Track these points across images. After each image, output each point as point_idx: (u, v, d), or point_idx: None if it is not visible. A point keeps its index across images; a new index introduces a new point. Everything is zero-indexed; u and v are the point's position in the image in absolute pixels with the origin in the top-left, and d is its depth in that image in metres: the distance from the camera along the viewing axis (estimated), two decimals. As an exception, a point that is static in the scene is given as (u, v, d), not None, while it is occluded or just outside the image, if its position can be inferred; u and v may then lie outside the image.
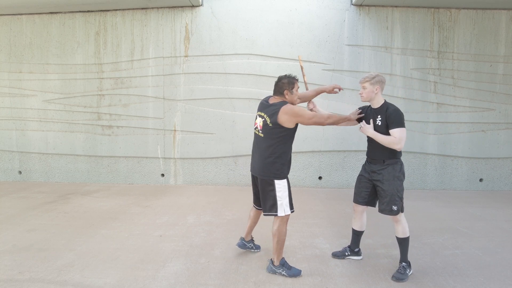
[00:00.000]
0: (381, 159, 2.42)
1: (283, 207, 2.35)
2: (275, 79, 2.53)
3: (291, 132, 2.37)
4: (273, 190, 2.35)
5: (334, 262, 2.68)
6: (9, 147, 5.93)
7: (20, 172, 5.95)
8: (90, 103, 5.71)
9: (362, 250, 2.78)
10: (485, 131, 5.42)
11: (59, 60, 5.71)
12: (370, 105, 2.54)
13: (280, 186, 2.35)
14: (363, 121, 2.50)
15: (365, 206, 2.59)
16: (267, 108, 2.39)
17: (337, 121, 2.46)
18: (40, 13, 5.67)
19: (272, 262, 2.45)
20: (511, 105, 5.40)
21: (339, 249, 2.85)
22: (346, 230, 3.38)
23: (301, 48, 5.37)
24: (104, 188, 5.34)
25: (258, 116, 2.46)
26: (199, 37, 5.46)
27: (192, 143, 5.59)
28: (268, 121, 2.32)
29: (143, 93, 5.60)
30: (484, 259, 2.74)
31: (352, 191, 2.80)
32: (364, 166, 2.61)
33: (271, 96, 2.51)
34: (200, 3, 5.37)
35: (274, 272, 2.42)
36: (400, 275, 2.36)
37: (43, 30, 5.70)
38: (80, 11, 5.60)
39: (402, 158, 2.54)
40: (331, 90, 2.70)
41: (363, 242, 2.79)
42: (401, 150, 2.32)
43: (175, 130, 5.61)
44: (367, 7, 5.32)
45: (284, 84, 2.40)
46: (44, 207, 4.19)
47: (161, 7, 5.48)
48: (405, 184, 5.46)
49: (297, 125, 2.37)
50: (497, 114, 5.40)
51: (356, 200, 2.61)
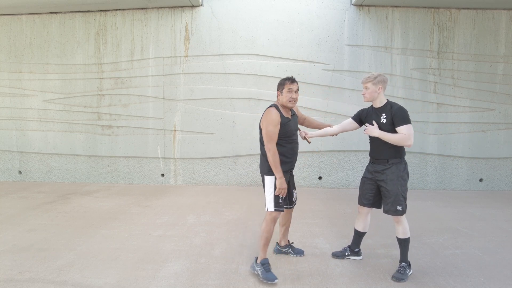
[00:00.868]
0: (385, 159, 2.38)
1: (267, 204, 2.40)
2: (275, 79, 2.57)
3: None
4: (264, 185, 2.45)
5: (334, 262, 2.68)
6: (9, 147, 5.93)
7: (20, 172, 5.95)
8: (90, 103, 5.71)
9: (362, 250, 2.78)
10: (485, 131, 5.42)
11: (59, 60, 5.71)
12: (371, 105, 2.51)
13: (267, 182, 2.41)
14: (366, 123, 2.49)
15: (370, 208, 2.58)
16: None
17: (270, 159, 2.30)
18: (40, 13, 5.67)
19: (256, 259, 2.46)
20: (511, 105, 5.40)
21: (339, 249, 2.85)
22: (346, 230, 3.38)
23: (301, 48, 5.37)
24: (104, 188, 5.34)
25: None
26: (199, 37, 5.46)
27: (192, 143, 5.59)
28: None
29: (143, 93, 5.60)
30: (484, 259, 2.74)
31: (352, 191, 2.81)
32: (367, 167, 2.57)
33: None
34: (200, 3, 5.37)
35: (253, 270, 2.42)
36: (400, 275, 2.36)
37: (43, 30, 5.70)
38: (80, 11, 5.60)
39: (402, 158, 2.51)
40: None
41: (363, 242, 2.79)
42: (410, 146, 2.29)
43: (175, 130, 5.61)
44: (367, 7, 5.32)
45: (278, 85, 2.47)
46: (44, 207, 4.19)
47: (161, 7, 5.49)
48: (405, 184, 5.51)
49: (281, 126, 2.35)
50: (497, 114, 5.40)
51: (361, 202, 2.59)
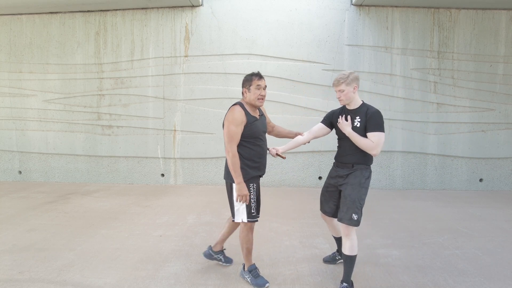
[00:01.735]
0: (351, 163, 2.20)
1: (239, 214, 2.20)
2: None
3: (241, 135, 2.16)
4: (232, 194, 2.22)
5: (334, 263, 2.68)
6: (9, 147, 5.93)
7: (20, 172, 5.95)
8: (90, 103, 5.71)
9: (362, 250, 2.77)
10: (485, 131, 5.42)
11: (59, 60, 5.71)
12: (342, 106, 2.32)
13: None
14: (342, 116, 2.25)
15: (333, 218, 2.41)
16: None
17: (230, 162, 2.12)
18: (40, 13, 5.67)
19: (243, 266, 2.39)
20: (511, 105, 5.40)
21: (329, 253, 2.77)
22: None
23: (301, 48, 5.37)
24: (104, 188, 5.34)
25: None
26: (199, 37, 5.46)
27: (192, 143, 5.59)
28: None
29: (143, 93, 5.60)
30: (484, 259, 2.74)
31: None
32: (330, 172, 2.39)
33: None
34: (200, 3, 5.37)
35: (243, 277, 2.35)
36: None
37: (43, 30, 5.70)
38: (80, 11, 5.60)
39: (402, 158, 2.48)
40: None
41: (363, 242, 2.79)
42: (375, 155, 2.11)
43: (175, 130, 5.61)
44: (367, 7, 5.32)
45: (243, 82, 2.22)
46: (44, 207, 4.19)
47: (161, 7, 5.49)
48: (405, 184, 5.55)
49: (245, 126, 2.15)
50: (497, 114, 5.40)
51: (323, 210, 2.43)
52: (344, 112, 2.28)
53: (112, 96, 5.66)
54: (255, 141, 2.21)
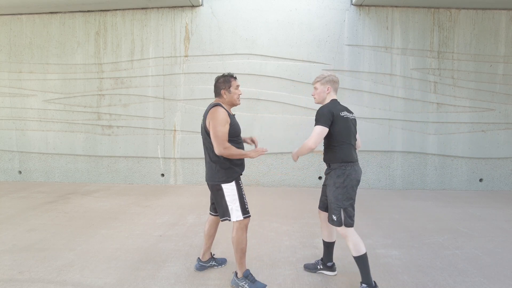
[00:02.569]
0: (327, 162, 2.24)
1: (234, 212, 2.19)
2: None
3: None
4: (223, 195, 2.20)
5: (335, 261, 2.67)
6: (9, 147, 5.93)
7: (20, 172, 5.95)
8: (90, 103, 5.71)
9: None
10: (485, 131, 5.42)
11: (59, 60, 5.71)
12: None
13: (228, 190, 2.18)
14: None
15: (327, 213, 2.36)
16: (206, 110, 2.27)
17: (233, 155, 2.13)
18: (40, 13, 5.67)
19: (235, 274, 2.28)
20: (511, 105, 5.40)
21: (312, 261, 2.64)
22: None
23: (301, 48, 5.37)
24: (104, 188, 5.34)
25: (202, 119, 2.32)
26: (199, 37, 5.46)
27: (192, 143, 5.59)
28: (202, 124, 2.26)
29: (143, 93, 5.60)
30: (484, 259, 2.74)
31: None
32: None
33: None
34: (200, 3, 5.37)
35: (237, 285, 2.24)
36: None
37: (43, 30, 5.70)
38: (80, 11, 5.60)
39: (402, 158, 2.45)
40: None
41: (363, 242, 2.78)
42: (310, 148, 2.09)
43: (175, 130, 5.61)
44: (367, 7, 5.32)
45: (220, 83, 2.25)
46: (44, 207, 4.19)
47: (161, 7, 5.49)
48: (405, 184, 5.54)
49: (230, 125, 2.17)
50: (497, 114, 5.40)
51: (319, 206, 2.44)
52: None
53: (112, 96, 5.67)
54: (237, 139, 2.26)
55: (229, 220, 2.23)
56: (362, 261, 2.12)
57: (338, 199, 2.12)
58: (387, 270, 2.53)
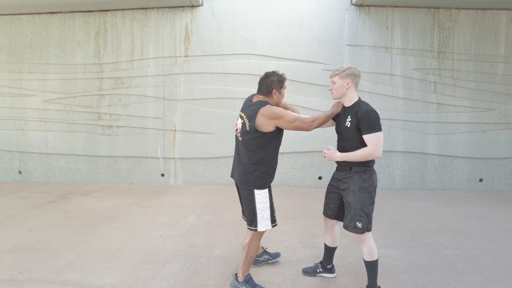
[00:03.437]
0: (348, 166, 2.07)
1: (263, 221, 2.09)
2: None
3: (272, 137, 2.06)
4: (253, 201, 2.09)
5: (334, 262, 2.67)
6: (9, 147, 5.93)
7: (20, 172, 5.95)
8: (90, 103, 5.71)
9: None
10: (485, 131, 5.42)
11: (59, 60, 5.71)
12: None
13: (261, 197, 2.08)
14: (324, 149, 2.11)
15: (335, 221, 2.31)
16: (248, 108, 2.11)
17: (323, 121, 2.13)
18: (40, 13, 5.67)
19: (236, 277, 2.22)
20: (511, 105, 5.40)
21: (311, 265, 2.58)
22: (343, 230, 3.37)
23: (301, 48, 5.37)
24: (104, 188, 5.34)
25: (239, 116, 2.17)
26: (199, 37, 5.46)
27: (192, 143, 5.59)
28: (246, 123, 2.06)
29: (143, 93, 5.61)
30: (484, 259, 2.74)
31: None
32: (333, 174, 2.28)
33: (255, 95, 2.24)
34: (200, 3, 5.37)
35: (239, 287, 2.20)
36: None
37: (43, 30, 5.70)
38: (80, 11, 5.60)
39: (402, 158, 2.43)
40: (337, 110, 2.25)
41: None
42: (379, 158, 1.95)
43: (175, 130, 5.61)
44: (367, 7, 5.32)
45: (274, 82, 2.11)
46: (44, 207, 4.19)
47: (161, 7, 5.49)
48: (405, 184, 5.54)
49: (279, 128, 2.08)
50: (497, 114, 5.40)
51: (325, 213, 2.31)
52: (341, 111, 2.20)
53: (112, 96, 5.67)
54: (275, 146, 2.15)
55: (256, 230, 2.11)
56: (372, 266, 2.10)
57: (365, 205, 2.01)
58: (387, 270, 2.53)
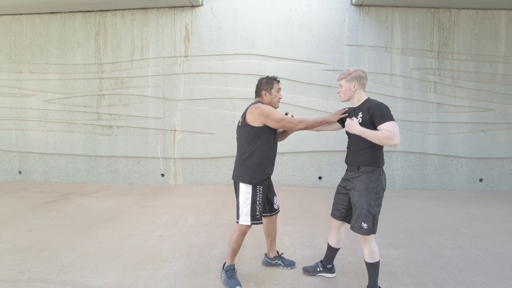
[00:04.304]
0: (356, 166, 2.07)
1: (243, 216, 2.17)
2: None
3: (261, 132, 2.15)
4: (237, 194, 2.20)
5: (334, 262, 2.67)
6: (9, 147, 5.93)
7: (20, 172, 5.95)
8: (90, 103, 5.71)
9: (360, 251, 2.76)
10: (485, 131, 5.42)
11: (59, 60, 5.71)
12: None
13: (243, 192, 2.17)
14: (351, 118, 2.11)
15: (342, 222, 2.29)
16: (245, 108, 2.30)
17: (311, 125, 2.17)
18: (40, 13, 5.67)
19: (223, 265, 2.40)
20: (511, 105, 5.40)
21: (311, 264, 2.58)
22: (346, 230, 3.37)
23: (301, 48, 5.37)
24: (104, 188, 5.34)
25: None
26: (199, 37, 5.46)
27: (192, 143, 5.59)
28: (240, 120, 2.25)
29: (143, 93, 5.61)
30: (484, 259, 2.74)
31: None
32: (344, 175, 2.27)
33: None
34: (200, 3, 5.37)
35: (221, 275, 2.37)
36: None
37: (43, 30, 5.70)
38: (80, 11, 5.61)
39: (402, 158, 2.42)
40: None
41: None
42: (396, 146, 1.90)
43: (175, 130, 5.61)
44: (367, 7, 5.32)
45: (262, 84, 2.29)
46: (44, 207, 4.19)
47: (161, 7, 5.49)
48: (405, 184, 5.54)
49: (266, 126, 2.18)
50: (497, 114, 5.40)
51: (333, 214, 2.30)
52: (351, 111, 2.21)
53: (112, 96, 5.67)
54: (264, 143, 2.21)
55: (237, 222, 2.23)
56: (374, 268, 2.10)
57: (371, 205, 2.00)
58: (387, 270, 2.53)
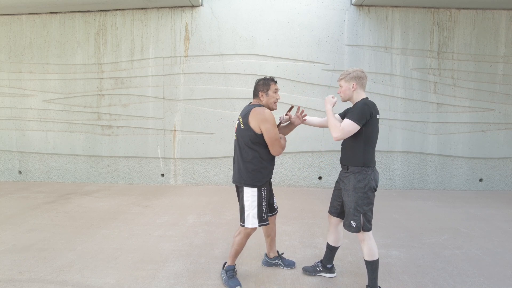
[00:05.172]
0: (346, 165, 2.14)
1: (250, 219, 2.17)
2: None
3: (263, 136, 2.15)
4: (242, 198, 2.19)
5: (334, 262, 2.67)
6: (9, 147, 5.93)
7: (20, 172, 5.95)
8: (90, 103, 5.71)
9: (360, 251, 2.76)
10: (485, 131, 5.42)
11: (59, 60, 5.71)
12: None
13: (249, 195, 2.16)
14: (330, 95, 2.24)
15: (339, 219, 2.31)
16: (244, 110, 2.26)
17: (283, 146, 2.22)
18: (40, 13, 5.67)
19: (223, 265, 2.40)
20: (511, 105, 5.40)
21: (311, 264, 2.58)
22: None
23: (301, 48, 5.37)
24: (104, 188, 5.34)
25: (237, 120, 2.31)
26: (199, 37, 5.46)
27: (192, 143, 5.59)
28: (241, 122, 2.19)
29: (143, 93, 5.61)
30: (484, 259, 2.74)
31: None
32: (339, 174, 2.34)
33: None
34: (200, 3, 5.37)
35: (221, 274, 2.36)
36: None
37: (43, 30, 5.70)
38: (80, 11, 5.60)
39: (402, 158, 2.42)
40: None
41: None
42: (335, 139, 2.04)
43: (175, 130, 5.61)
44: (367, 7, 5.32)
45: (259, 85, 2.26)
46: (44, 207, 4.19)
47: (161, 7, 5.49)
48: (405, 184, 5.54)
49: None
50: (497, 114, 5.40)
51: (330, 211, 2.34)
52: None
53: (112, 96, 5.67)
54: (267, 147, 2.21)
55: (243, 226, 2.20)
56: (373, 266, 2.10)
57: (359, 204, 2.04)
58: (387, 270, 2.53)
